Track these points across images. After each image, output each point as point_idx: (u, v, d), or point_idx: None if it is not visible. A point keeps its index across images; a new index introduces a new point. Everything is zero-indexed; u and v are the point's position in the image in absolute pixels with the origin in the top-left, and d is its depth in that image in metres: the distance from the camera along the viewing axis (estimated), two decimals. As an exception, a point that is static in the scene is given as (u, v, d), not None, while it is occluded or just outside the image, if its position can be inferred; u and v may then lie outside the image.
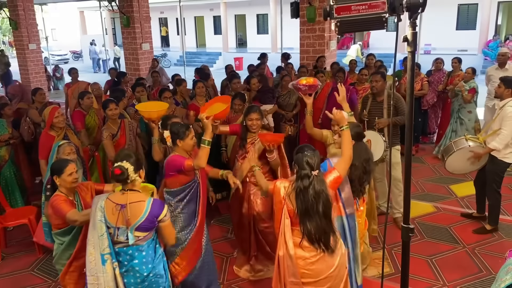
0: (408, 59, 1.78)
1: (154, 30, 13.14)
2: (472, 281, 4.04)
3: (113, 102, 4.79)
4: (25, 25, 12.36)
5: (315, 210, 2.79)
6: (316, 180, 2.79)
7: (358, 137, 3.43)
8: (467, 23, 20.15)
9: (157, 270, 2.84)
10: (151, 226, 2.75)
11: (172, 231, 2.92)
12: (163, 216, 2.75)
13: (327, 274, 2.90)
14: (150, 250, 2.82)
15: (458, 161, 4.75)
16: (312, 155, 2.82)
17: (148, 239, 2.79)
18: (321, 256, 2.87)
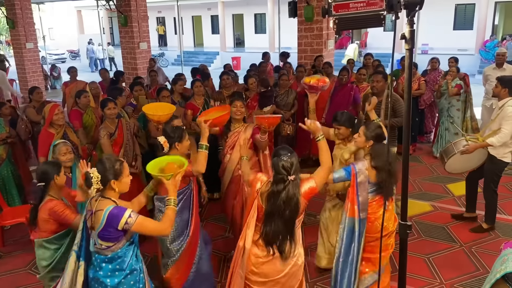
0: (406, 57, 1.78)
1: (151, 30, 13.14)
2: (469, 279, 4.05)
3: (112, 101, 4.78)
4: (22, 24, 12.34)
5: (280, 214, 2.77)
6: (291, 185, 2.76)
7: (379, 138, 3.40)
8: (464, 23, 20.21)
9: (126, 285, 2.66)
10: (112, 237, 2.55)
11: (152, 226, 2.64)
12: (123, 224, 2.50)
13: (274, 278, 2.91)
14: (122, 261, 2.63)
15: (458, 161, 4.74)
16: (289, 158, 2.76)
17: (114, 250, 2.59)
18: (270, 259, 2.88)
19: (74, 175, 3.63)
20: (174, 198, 2.72)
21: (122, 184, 2.66)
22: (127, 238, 2.64)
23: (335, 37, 9.55)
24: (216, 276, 4.25)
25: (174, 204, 2.71)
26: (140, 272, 2.74)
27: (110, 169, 2.60)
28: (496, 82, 4.69)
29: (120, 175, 2.64)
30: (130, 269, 2.67)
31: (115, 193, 2.66)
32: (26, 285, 4.24)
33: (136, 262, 2.73)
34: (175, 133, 3.36)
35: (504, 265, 2.02)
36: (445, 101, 7.12)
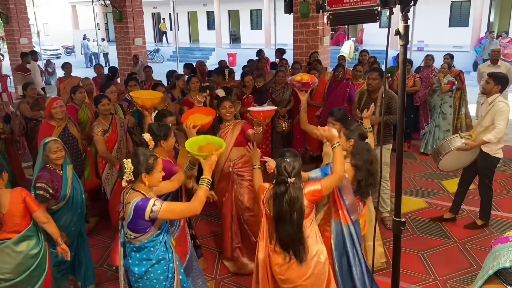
0: (400, 53, 1.78)
1: (147, 25, 13.07)
2: (463, 275, 4.07)
3: (106, 97, 4.76)
4: (16, 19, 12.25)
5: (288, 218, 2.77)
6: (292, 187, 2.76)
7: (360, 137, 3.38)
8: (460, 20, 20.25)
9: (153, 275, 2.71)
10: (141, 228, 2.63)
11: (180, 208, 2.77)
12: (149, 213, 2.56)
13: (299, 282, 2.89)
14: (149, 251, 2.69)
15: (451, 159, 4.74)
16: (292, 161, 2.77)
17: (141, 240, 2.66)
18: (290, 264, 2.86)
19: (65, 173, 3.61)
20: (209, 178, 2.76)
21: (153, 178, 2.70)
22: (156, 228, 2.69)
23: (331, 33, 9.55)
24: (211, 273, 4.25)
25: (208, 184, 2.75)
26: (169, 262, 2.78)
27: (143, 162, 2.65)
28: (487, 79, 4.64)
29: (152, 170, 2.68)
30: (157, 259, 2.72)
31: (145, 186, 2.70)
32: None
33: (165, 252, 2.77)
34: (160, 131, 3.35)
35: (496, 261, 2.01)
36: (438, 97, 7.15)
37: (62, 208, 3.57)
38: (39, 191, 3.41)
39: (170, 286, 2.78)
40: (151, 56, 23.12)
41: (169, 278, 2.76)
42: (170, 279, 2.78)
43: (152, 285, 2.73)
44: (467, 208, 5.27)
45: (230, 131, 4.11)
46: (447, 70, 7.06)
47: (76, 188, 3.71)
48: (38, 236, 3.20)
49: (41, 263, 3.18)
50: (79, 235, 3.78)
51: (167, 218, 2.69)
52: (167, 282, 2.76)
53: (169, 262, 2.77)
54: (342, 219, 3.22)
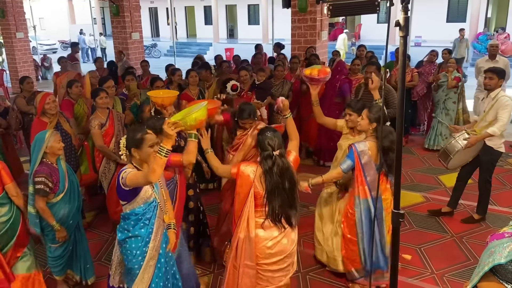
0: (400, 44, 1.77)
1: (144, 20, 13.01)
2: (460, 269, 4.09)
3: (103, 91, 4.73)
4: (12, 13, 12.17)
5: (281, 188, 2.93)
6: (278, 159, 2.92)
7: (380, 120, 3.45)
8: (458, 16, 20.25)
9: (128, 245, 2.89)
10: (122, 196, 2.84)
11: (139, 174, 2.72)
12: (121, 179, 2.75)
13: (291, 250, 3.09)
14: (129, 223, 2.88)
15: (459, 156, 4.72)
16: (272, 135, 2.97)
17: (127, 209, 2.86)
18: (283, 236, 3.02)
19: (60, 166, 3.60)
20: (168, 149, 2.57)
21: (143, 153, 2.83)
22: (138, 200, 2.84)
23: (328, 28, 9.53)
24: (209, 267, 4.25)
25: (165, 154, 2.56)
26: (142, 241, 2.88)
27: (132, 137, 2.84)
28: (490, 74, 4.61)
29: (141, 144, 2.82)
30: (133, 233, 2.88)
31: (138, 160, 2.87)
32: (17, 275, 4.19)
33: (145, 230, 2.89)
34: (156, 125, 3.29)
35: (491, 258, 2.02)
36: (442, 93, 7.10)
37: (60, 201, 3.57)
38: (38, 185, 3.40)
39: (138, 263, 2.90)
40: (148, 51, 23.02)
41: (137, 255, 2.88)
42: (139, 256, 2.89)
43: (126, 254, 2.92)
44: (464, 203, 5.29)
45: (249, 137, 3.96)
46: (455, 65, 7.03)
47: (73, 181, 3.70)
48: (10, 205, 3.46)
49: (13, 225, 3.47)
50: (77, 229, 3.78)
51: (132, 184, 2.74)
52: (135, 258, 2.89)
53: (141, 241, 2.88)
54: (361, 194, 3.39)
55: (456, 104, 7.11)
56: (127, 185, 2.74)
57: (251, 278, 3.06)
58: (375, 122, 3.47)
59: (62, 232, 3.56)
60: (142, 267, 2.90)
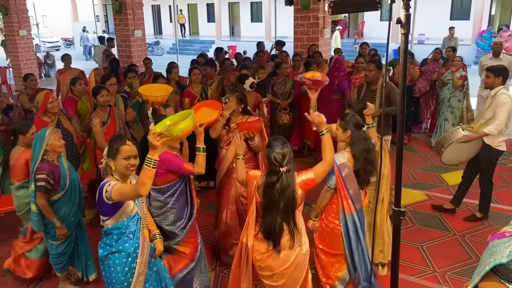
0: (401, 41, 1.76)
1: (146, 18, 13.00)
2: (462, 267, 4.08)
3: (105, 89, 4.74)
4: (15, 11, 12.17)
5: (277, 206, 2.77)
6: (285, 176, 2.75)
7: (357, 126, 3.35)
8: (461, 13, 20.15)
9: (111, 262, 2.71)
10: (104, 210, 2.67)
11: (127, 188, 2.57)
12: (104, 192, 2.58)
13: (279, 270, 2.91)
14: (112, 238, 2.71)
15: (454, 151, 4.74)
16: (281, 149, 2.75)
17: (110, 225, 2.70)
18: (270, 253, 2.88)
19: (61, 163, 3.61)
20: (155, 159, 2.45)
21: (118, 164, 2.67)
22: (122, 216, 2.69)
23: (331, 26, 9.50)
24: (211, 264, 4.26)
25: (153, 166, 2.44)
26: (129, 256, 2.71)
27: (109, 148, 2.73)
28: (487, 73, 4.63)
29: (116, 155, 2.67)
30: (117, 248, 2.70)
31: (116, 171, 2.71)
32: (19, 272, 4.21)
33: (130, 245, 2.71)
34: (159, 120, 3.30)
35: (493, 257, 2.01)
36: (448, 91, 7.07)
37: (62, 198, 3.58)
38: (40, 182, 3.41)
39: (125, 280, 2.73)
40: (151, 49, 23.03)
41: (125, 271, 2.71)
42: (127, 273, 2.72)
43: (109, 271, 2.74)
44: (467, 201, 5.27)
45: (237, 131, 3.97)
46: (460, 63, 6.99)
47: (74, 178, 3.72)
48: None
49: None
50: (78, 226, 3.79)
51: (118, 199, 2.58)
52: (122, 275, 2.71)
53: (129, 256, 2.71)
54: (346, 209, 3.23)
55: (461, 102, 7.08)
56: (112, 198, 2.56)
57: (249, 283, 3.01)
58: (349, 129, 3.32)
59: (62, 230, 3.57)
60: (131, 284, 2.74)
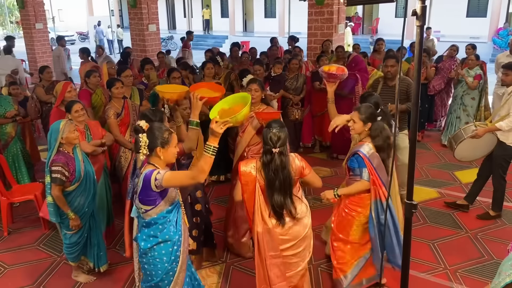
0: (416, 34, 1.75)
1: (161, 12, 13.06)
2: (474, 265, 4.05)
3: (119, 81, 4.78)
4: (32, 4, 12.34)
5: (274, 186, 2.91)
6: (277, 156, 2.88)
7: (373, 117, 3.37)
8: (478, 10, 19.86)
9: (156, 253, 2.71)
10: (151, 199, 2.64)
11: (182, 175, 2.66)
12: (154, 181, 2.56)
13: (304, 234, 3.09)
14: (157, 228, 2.70)
15: (467, 148, 4.70)
16: (277, 131, 2.89)
17: (151, 216, 2.68)
18: (294, 222, 3.03)
19: (76, 154, 3.66)
20: (214, 146, 2.50)
21: (168, 153, 2.70)
22: (166, 203, 2.70)
23: (345, 22, 9.45)
24: (222, 256, 4.29)
25: (213, 152, 2.51)
26: (175, 244, 2.75)
27: (158, 136, 2.66)
28: (505, 70, 4.58)
29: (167, 144, 2.69)
30: (163, 238, 2.72)
31: (161, 160, 2.71)
32: (34, 260, 4.31)
33: (174, 233, 2.74)
34: (156, 116, 3.32)
35: None
36: (461, 88, 6.98)
37: (76, 189, 3.64)
38: (55, 174, 3.46)
39: (171, 269, 2.76)
40: (165, 43, 23.11)
41: (171, 260, 2.74)
42: (172, 262, 2.75)
43: (154, 263, 2.73)
44: (480, 199, 5.22)
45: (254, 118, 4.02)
46: (475, 61, 6.89)
47: (89, 170, 3.76)
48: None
49: None
50: (92, 217, 3.84)
51: (171, 185, 2.62)
52: (168, 264, 2.73)
53: (175, 244, 2.74)
54: (382, 197, 3.29)
55: (475, 100, 6.98)
56: (162, 186, 2.56)
57: (280, 267, 3.08)
58: (369, 122, 3.35)
59: (76, 221, 3.63)
60: (176, 272, 2.77)
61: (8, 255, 4.41)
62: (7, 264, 4.27)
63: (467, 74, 6.87)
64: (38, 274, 4.09)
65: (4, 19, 32.93)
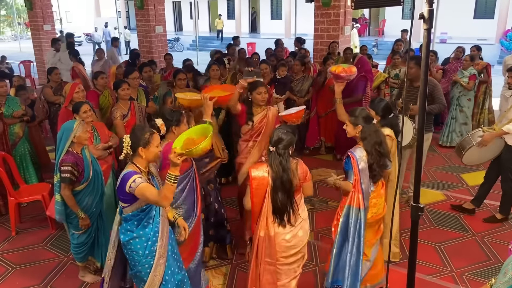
0: (424, 37, 1.76)
1: (167, 14, 13.12)
2: (480, 268, 4.03)
3: (125, 82, 4.81)
4: (40, 6, 12.43)
5: (276, 185, 2.95)
6: (273, 156, 2.94)
7: (367, 120, 3.33)
8: (485, 12, 19.77)
9: (132, 246, 2.84)
10: (124, 198, 2.79)
11: (149, 195, 2.65)
12: (128, 186, 2.68)
13: (305, 241, 3.13)
14: (133, 224, 2.83)
15: (474, 153, 4.68)
16: (281, 133, 2.95)
17: (127, 212, 2.83)
18: (298, 229, 3.05)
19: (84, 155, 3.69)
20: (176, 175, 2.58)
21: (149, 152, 2.81)
22: (141, 203, 2.79)
23: (351, 23, 9.44)
24: (232, 256, 4.29)
25: (174, 181, 2.58)
26: (149, 240, 2.84)
27: (140, 137, 2.79)
28: (510, 73, 4.58)
29: (148, 144, 2.79)
30: (138, 233, 2.84)
31: (142, 160, 2.82)
32: (41, 260, 4.34)
33: (149, 230, 2.84)
34: (173, 116, 3.33)
35: None
36: (457, 89, 7.02)
37: (85, 189, 3.67)
38: (65, 174, 3.49)
39: (147, 262, 2.86)
40: (171, 45, 23.19)
41: (145, 254, 2.84)
42: (147, 256, 2.85)
43: (132, 254, 2.88)
44: (487, 202, 5.19)
45: (271, 117, 4.05)
46: (469, 62, 6.89)
47: (97, 170, 3.79)
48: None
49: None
50: (99, 217, 3.87)
51: (141, 197, 2.70)
52: (143, 258, 2.85)
53: (149, 240, 2.84)
54: (355, 204, 3.23)
55: (471, 101, 7.00)
56: (134, 194, 2.70)
57: (273, 274, 3.11)
58: (359, 125, 3.31)
59: (85, 220, 3.66)
60: (152, 266, 2.86)
61: (15, 255, 4.45)
62: (14, 263, 4.30)
63: (461, 75, 6.88)
64: (45, 274, 4.12)
65: (12, 21, 33.21)
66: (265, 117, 4.08)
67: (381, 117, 3.65)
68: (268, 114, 4.09)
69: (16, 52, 22.45)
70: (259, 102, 4.05)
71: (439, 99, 4.66)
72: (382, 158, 3.27)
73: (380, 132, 3.34)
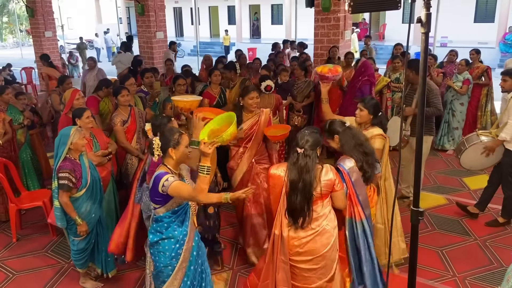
0: (422, 41, 1.76)
1: (168, 20, 13.15)
2: (483, 272, 4.01)
3: (125, 89, 4.82)
4: (42, 13, 12.51)
5: (296, 186, 2.91)
6: (301, 157, 2.90)
7: (341, 127, 3.34)
8: (486, 16, 19.78)
9: (161, 247, 2.87)
10: (156, 200, 2.81)
11: (185, 191, 2.70)
12: (161, 186, 2.71)
13: (322, 252, 3.01)
14: (162, 226, 2.85)
15: (473, 157, 4.69)
16: (307, 134, 2.95)
17: (158, 213, 2.85)
18: (313, 237, 2.98)
19: (82, 161, 3.69)
20: (208, 166, 2.62)
21: (179, 153, 2.82)
22: (173, 205, 2.82)
23: (352, 28, 9.45)
24: (228, 263, 4.28)
25: (207, 172, 2.63)
26: (177, 242, 2.87)
27: (169, 138, 2.81)
28: (503, 76, 4.61)
29: (178, 144, 2.81)
30: (167, 235, 2.86)
31: (173, 161, 2.84)
32: (42, 266, 4.34)
33: (179, 232, 2.87)
34: (159, 121, 3.34)
35: None
36: (450, 93, 7.06)
37: (83, 196, 3.66)
38: (62, 180, 3.49)
39: (170, 264, 2.89)
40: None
41: (171, 256, 2.87)
42: (172, 258, 2.88)
43: (158, 255, 2.90)
44: (489, 206, 5.16)
45: (262, 122, 4.04)
46: (464, 67, 6.90)
47: (95, 176, 3.79)
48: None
49: None
50: (99, 223, 3.86)
51: (175, 195, 2.74)
52: (168, 259, 2.88)
53: (178, 242, 2.87)
54: (356, 216, 3.15)
55: (463, 105, 7.04)
56: (168, 193, 2.73)
57: (287, 273, 3.09)
58: (335, 135, 3.33)
59: (83, 227, 3.65)
60: (175, 268, 2.89)
61: (16, 261, 4.44)
62: (15, 270, 4.29)
63: (456, 79, 6.90)
64: (46, 280, 4.11)
65: (14, 28, 33.37)
66: (256, 122, 4.06)
67: (373, 116, 3.69)
68: (260, 119, 4.07)
69: (18, 58, 22.55)
70: (251, 108, 4.04)
71: (433, 103, 4.70)
72: (368, 157, 3.24)
73: (358, 134, 3.34)
